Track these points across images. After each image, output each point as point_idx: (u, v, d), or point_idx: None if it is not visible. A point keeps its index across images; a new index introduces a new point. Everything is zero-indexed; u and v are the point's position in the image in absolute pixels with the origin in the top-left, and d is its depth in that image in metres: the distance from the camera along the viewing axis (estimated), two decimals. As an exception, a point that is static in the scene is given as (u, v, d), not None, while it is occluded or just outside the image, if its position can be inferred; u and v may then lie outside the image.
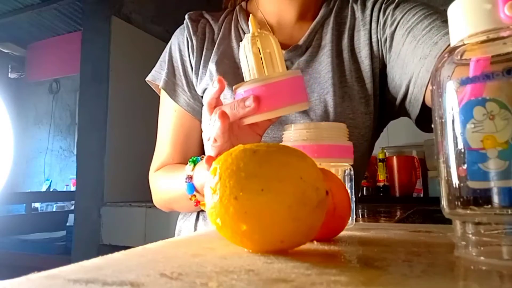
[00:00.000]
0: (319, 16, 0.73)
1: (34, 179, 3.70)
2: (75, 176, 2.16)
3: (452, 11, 0.29)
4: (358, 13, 0.73)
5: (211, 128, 0.51)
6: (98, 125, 2.03)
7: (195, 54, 0.76)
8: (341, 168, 0.46)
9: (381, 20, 0.70)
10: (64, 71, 3.31)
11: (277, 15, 0.75)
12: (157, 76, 0.79)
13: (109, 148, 2.02)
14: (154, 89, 0.83)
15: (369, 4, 0.73)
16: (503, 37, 0.26)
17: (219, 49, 0.75)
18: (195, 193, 0.65)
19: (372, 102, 0.69)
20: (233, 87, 0.51)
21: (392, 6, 0.69)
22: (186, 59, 0.77)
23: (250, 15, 0.52)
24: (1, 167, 3.44)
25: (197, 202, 0.66)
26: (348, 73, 0.70)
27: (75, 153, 2.71)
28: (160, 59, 0.81)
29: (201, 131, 0.79)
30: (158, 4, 2.38)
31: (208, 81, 0.73)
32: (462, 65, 0.28)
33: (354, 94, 0.69)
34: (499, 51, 0.26)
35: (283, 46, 0.65)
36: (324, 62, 0.70)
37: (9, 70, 3.77)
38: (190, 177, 0.64)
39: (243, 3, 0.80)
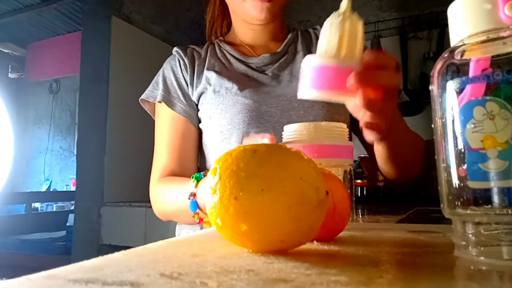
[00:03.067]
0: (289, 36, 0.89)
1: (34, 179, 3.70)
2: (75, 176, 2.15)
3: (452, 11, 0.29)
4: None
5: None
6: (98, 125, 2.03)
7: (188, 70, 0.85)
8: (341, 168, 0.46)
9: None
10: (64, 71, 3.31)
11: (253, 41, 0.89)
12: (150, 94, 0.86)
13: (109, 148, 2.02)
14: (147, 110, 0.89)
15: None
16: (503, 37, 0.26)
17: (210, 62, 0.86)
18: (198, 210, 0.65)
19: None
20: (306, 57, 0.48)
21: None
22: (180, 76, 0.85)
23: None
24: (1, 167, 3.43)
25: (200, 220, 0.66)
26: None
27: (75, 153, 2.71)
28: (152, 82, 0.88)
29: (197, 136, 0.83)
30: (158, 4, 2.38)
31: (204, 85, 0.82)
32: (461, 65, 0.28)
33: None
34: (499, 51, 0.26)
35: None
36: (300, 62, 0.79)
37: (9, 70, 3.76)
38: (193, 194, 0.65)
39: (221, 37, 0.93)
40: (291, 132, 0.47)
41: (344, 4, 0.46)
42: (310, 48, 0.88)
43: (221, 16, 0.93)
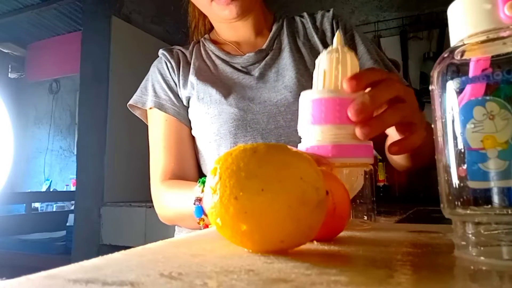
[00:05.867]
0: (274, 28, 0.86)
1: (34, 179, 3.70)
2: (75, 176, 2.16)
3: (452, 11, 0.29)
4: (308, 24, 0.86)
5: None
6: (98, 125, 2.03)
7: (175, 71, 0.84)
8: (362, 168, 0.45)
9: (335, 29, 0.83)
10: (64, 71, 3.31)
11: (236, 37, 0.87)
12: (139, 100, 0.85)
13: (109, 148, 2.02)
14: (138, 115, 0.88)
15: (318, 17, 0.87)
16: (503, 37, 0.26)
17: (195, 65, 0.84)
18: (203, 216, 0.63)
19: None
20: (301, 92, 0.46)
21: (342, 24, 0.83)
22: (169, 78, 0.84)
23: (338, 30, 0.47)
24: (1, 167, 3.44)
25: (205, 226, 0.64)
26: (309, 63, 0.81)
27: (75, 153, 2.71)
28: (140, 86, 0.87)
29: (193, 138, 0.82)
30: (158, 4, 2.38)
31: (190, 91, 0.81)
32: (461, 65, 0.28)
33: None
34: (499, 51, 0.26)
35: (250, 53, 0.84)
36: (287, 57, 0.82)
37: (9, 70, 3.76)
38: (199, 200, 0.63)
39: (206, 35, 0.92)
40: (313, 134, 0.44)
41: (335, 40, 0.46)
42: (295, 39, 0.85)
43: (202, 15, 0.89)
